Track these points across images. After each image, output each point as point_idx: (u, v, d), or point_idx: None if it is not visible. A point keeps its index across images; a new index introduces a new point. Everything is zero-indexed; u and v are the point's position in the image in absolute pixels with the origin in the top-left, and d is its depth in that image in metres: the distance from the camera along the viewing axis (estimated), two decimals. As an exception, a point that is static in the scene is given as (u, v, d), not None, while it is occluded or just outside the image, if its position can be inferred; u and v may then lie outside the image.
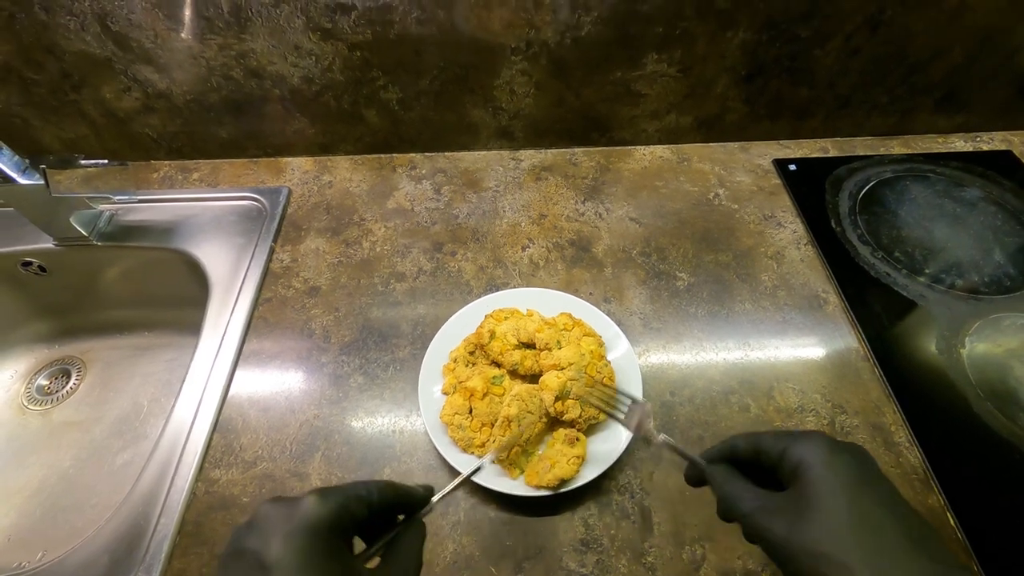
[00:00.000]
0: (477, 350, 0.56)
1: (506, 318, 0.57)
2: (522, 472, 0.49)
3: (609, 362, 0.54)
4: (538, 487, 0.47)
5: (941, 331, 0.60)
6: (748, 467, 0.33)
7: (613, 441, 0.50)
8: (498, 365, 0.55)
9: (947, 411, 0.54)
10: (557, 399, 0.49)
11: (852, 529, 0.26)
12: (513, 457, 0.49)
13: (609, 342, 0.56)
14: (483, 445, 0.50)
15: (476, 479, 0.48)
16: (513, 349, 0.54)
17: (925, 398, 0.55)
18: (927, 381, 0.56)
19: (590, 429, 0.51)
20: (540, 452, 0.51)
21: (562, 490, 0.47)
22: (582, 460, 0.49)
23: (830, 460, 0.29)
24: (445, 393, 0.54)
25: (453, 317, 0.59)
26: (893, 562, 0.25)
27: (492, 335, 0.54)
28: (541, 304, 0.59)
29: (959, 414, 0.54)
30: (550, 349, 0.53)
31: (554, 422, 0.52)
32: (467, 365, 0.55)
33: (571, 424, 0.50)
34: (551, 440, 0.51)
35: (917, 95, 0.77)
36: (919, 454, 0.52)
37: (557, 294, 0.61)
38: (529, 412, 0.50)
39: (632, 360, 0.55)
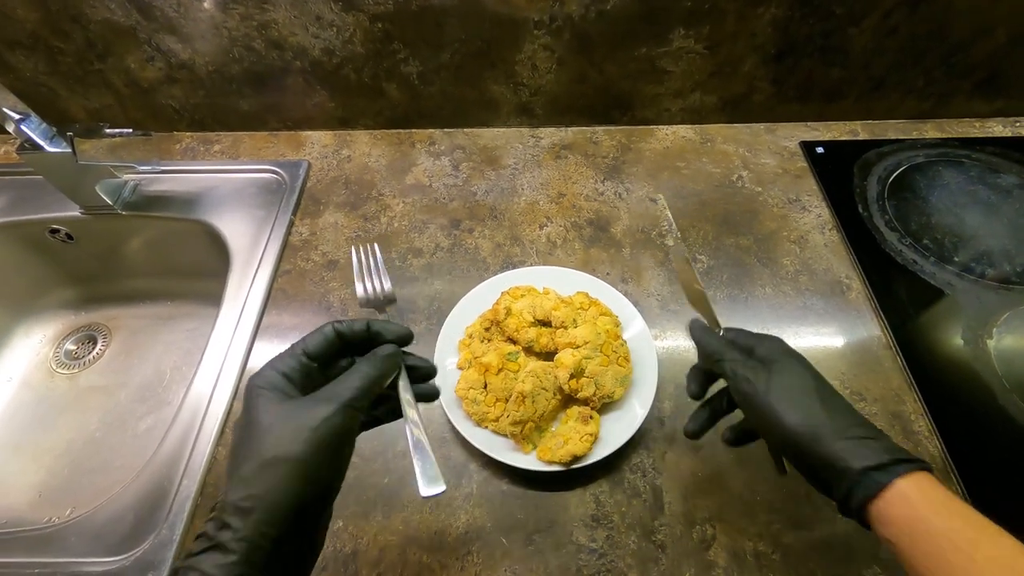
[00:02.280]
0: (493, 326, 0.56)
1: (523, 295, 0.56)
2: (535, 447, 0.49)
3: (625, 342, 0.54)
4: (550, 463, 0.48)
5: (968, 321, 0.59)
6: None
7: (627, 420, 0.50)
8: (513, 342, 0.55)
9: (970, 402, 0.53)
10: (572, 377, 0.49)
11: (807, 392, 0.36)
12: (527, 432, 0.49)
13: (625, 322, 0.56)
14: (497, 420, 0.50)
15: (490, 452, 0.48)
16: (529, 326, 0.54)
17: (948, 388, 0.54)
18: (951, 371, 0.55)
19: (604, 408, 0.51)
20: (553, 429, 0.51)
21: (574, 467, 0.48)
22: (595, 438, 0.49)
23: (787, 352, 0.39)
24: (460, 368, 0.54)
25: (470, 293, 0.59)
26: (838, 422, 0.34)
27: (508, 312, 0.54)
28: (558, 283, 0.59)
29: (983, 406, 0.53)
30: (566, 327, 0.53)
31: (568, 399, 0.52)
32: (482, 341, 0.56)
33: (585, 402, 0.51)
34: (564, 417, 0.51)
35: (955, 78, 0.74)
36: (939, 444, 0.51)
37: (574, 273, 0.60)
38: (544, 389, 0.50)
39: (648, 340, 0.54)
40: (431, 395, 0.37)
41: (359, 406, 0.31)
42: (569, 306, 0.54)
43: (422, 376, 0.37)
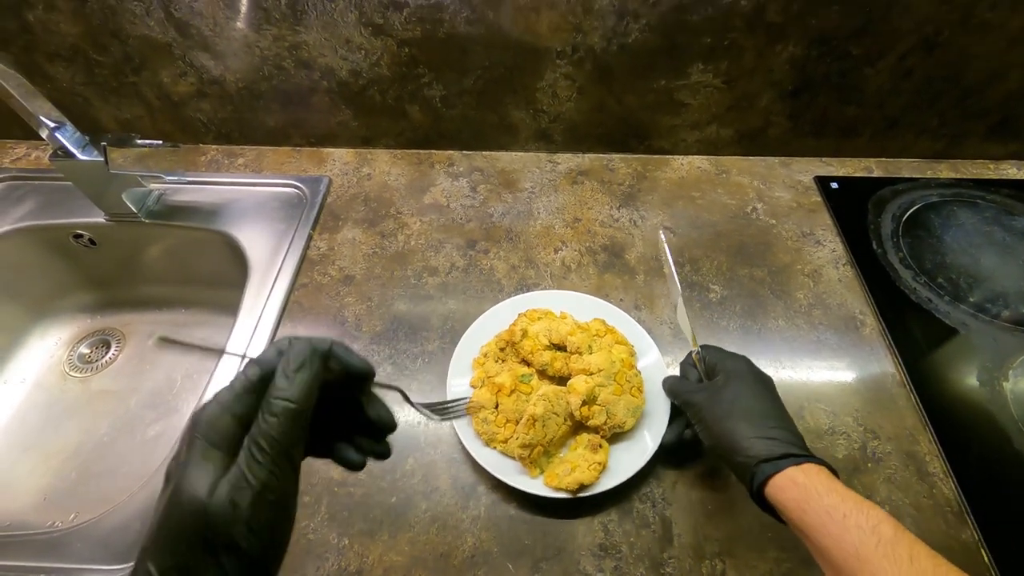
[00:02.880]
0: (508, 347, 0.56)
1: (539, 318, 0.57)
2: (542, 472, 0.49)
3: (639, 372, 0.54)
4: (557, 489, 0.48)
5: (983, 362, 0.58)
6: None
7: (638, 451, 0.50)
8: (528, 364, 0.55)
9: (986, 445, 0.53)
10: (584, 403, 0.49)
11: (739, 406, 0.43)
12: (535, 457, 0.49)
13: (640, 352, 0.56)
14: (506, 441, 0.50)
15: (498, 475, 0.48)
16: (544, 349, 0.54)
17: (963, 430, 0.53)
18: (966, 412, 0.55)
19: (615, 437, 0.51)
20: (562, 455, 0.51)
21: (582, 495, 0.47)
22: (603, 467, 0.48)
23: (743, 365, 0.47)
24: (473, 386, 0.54)
25: (486, 313, 0.59)
26: (758, 424, 0.42)
27: (524, 334, 0.55)
28: (573, 307, 0.59)
29: (999, 449, 0.52)
30: (581, 353, 0.53)
31: (579, 426, 0.52)
32: (497, 361, 0.56)
33: (595, 430, 0.50)
34: (574, 444, 0.51)
35: (969, 119, 0.75)
36: (954, 487, 0.50)
37: (589, 298, 0.61)
38: (555, 413, 0.50)
39: (662, 370, 0.54)
40: (382, 455, 0.32)
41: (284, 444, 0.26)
42: (585, 332, 0.55)
43: (384, 426, 0.32)
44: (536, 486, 0.48)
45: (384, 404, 0.32)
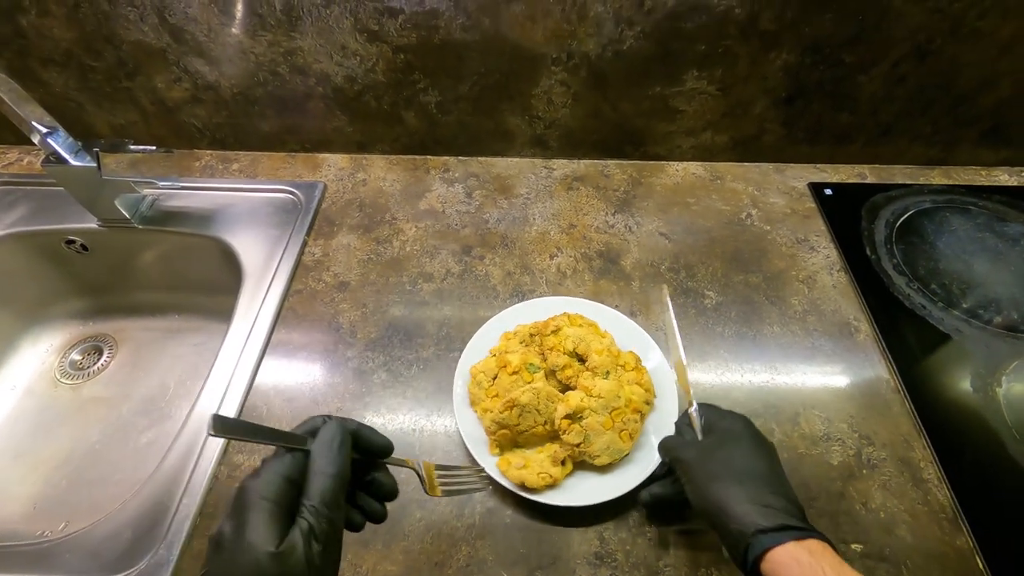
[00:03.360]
0: (538, 335, 0.56)
1: (580, 325, 0.56)
2: (500, 455, 0.50)
3: (641, 423, 0.52)
4: (503, 474, 0.48)
5: (976, 368, 0.59)
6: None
7: (644, 461, 0.50)
8: (543, 358, 0.55)
9: (980, 451, 0.53)
10: (567, 417, 0.49)
11: (734, 467, 0.39)
12: (501, 439, 0.50)
13: (642, 353, 0.56)
14: (486, 411, 0.51)
15: (468, 442, 0.50)
16: (564, 353, 0.54)
17: (957, 436, 0.54)
18: (960, 418, 0.55)
19: (622, 459, 0.51)
20: (526, 451, 0.51)
21: (570, 504, 0.47)
22: (554, 483, 0.48)
23: (740, 426, 0.43)
24: (492, 353, 0.57)
25: (521, 305, 0.61)
26: (752, 489, 0.37)
27: (556, 330, 0.55)
28: (567, 311, 0.59)
29: (993, 455, 0.53)
30: (595, 374, 0.52)
31: (555, 436, 0.51)
32: (522, 343, 0.56)
33: (567, 448, 0.50)
34: (541, 448, 0.51)
35: (962, 126, 0.75)
36: (948, 493, 0.50)
37: (586, 303, 0.61)
38: (537, 411, 0.50)
39: (666, 370, 0.55)
40: (379, 518, 0.36)
41: (324, 522, 0.29)
42: (612, 358, 0.53)
43: (385, 494, 0.36)
44: (489, 464, 0.49)
45: (391, 474, 0.36)
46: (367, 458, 0.35)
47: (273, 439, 0.31)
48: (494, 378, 0.53)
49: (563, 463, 0.49)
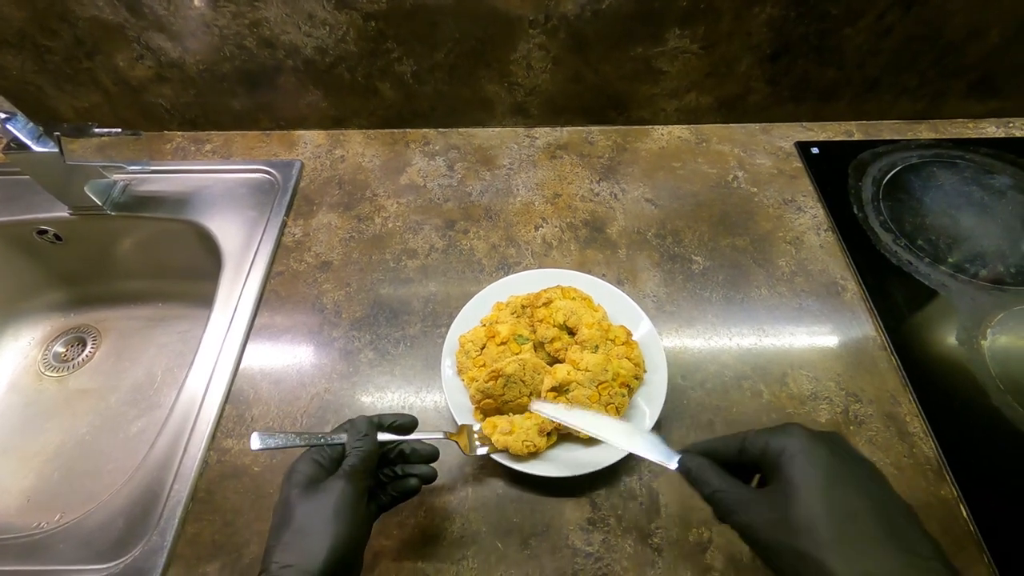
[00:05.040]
0: (530, 307, 0.56)
1: (572, 298, 0.56)
2: (484, 419, 0.50)
3: (627, 398, 0.51)
4: (487, 437, 0.48)
5: (962, 322, 0.59)
6: (735, 468, 0.33)
7: (636, 424, 0.50)
8: (533, 330, 0.55)
9: (965, 403, 0.53)
10: (552, 389, 0.49)
11: (827, 525, 0.26)
12: (485, 407, 0.50)
13: (631, 323, 0.56)
14: (472, 380, 0.51)
15: (452, 409, 0.50)
16: (554, 326, 0.53)
17: (942, 389, 0.54)
18: (945, 372, 0.55)
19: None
20: (512, 417, 0.49)
21: (562, 475, 0.47)
22: (536, 452, 0.48)
23: (808, 451, 0.29)
24: (483, 323, 0.56)
25: (514, 277, 0.60)
26: (865, 555, 0.25)
27: (548, 302, 0.54)
28: (557, 283, 0.58)
29: (977, 406, 0.53)
30: (584, 347, 0.52)
31: None
32: (513, 314, 0.56)
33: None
34: (529, 414, 0.49)
35: (949, 78, 0.74)
36: (934, 445, 0.51)
37: (574, 274, 0.60)
38: (522, 381, 0.50)
39: (657, 343, 0.54)
40: (428, 477, 0.43)
41: (359, 476, 0.38)
42: (602, 333, 0.52)
43: (424, 458, 0.44)
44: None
45: (426, 443, 0.44)
46: (398, 434, 0.43)
47: (311, 441, 0.40)
48: (482, 348, 0.53)
49: (549, 435, 0.49)
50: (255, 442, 0.40)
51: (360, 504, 0.37)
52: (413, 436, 0.44)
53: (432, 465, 0.44)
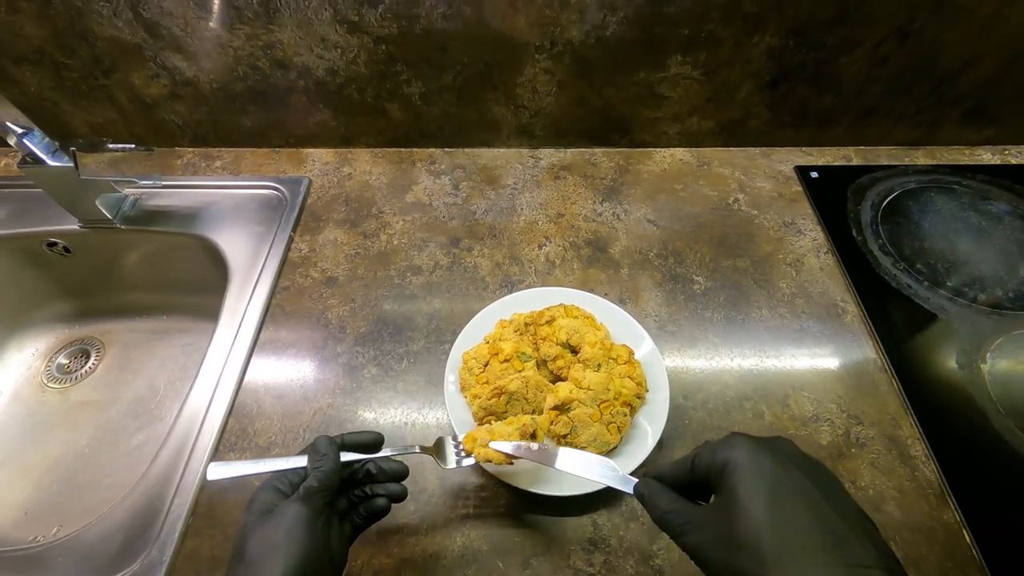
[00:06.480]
0: (533, 325, 0.56)
1: (576, 317, 0.56)
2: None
3: (630, 417, 0.51)
4: (470, 452, 0.45)
5: (962, 345, 0.59)
6: (696, 487, 0.32)
7: (638, 444, 0.50)
8: (536, 348, 0.55)
9: (966, 427, 0.54)
10: (555, 408, 0.49)
11: (768, 542, 0.26)
12: (488, 423, 0.50)
13: (633, 342, 0.56)
14: (475, 397, 0.51)
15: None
16: (557, 344, 0.54)
17: (943, 412, 0.54)
18: (946, 395, 0.56)
19: (612, 451, 0.50)
20: (492, 425, 0.47)
21: (568, 494, 0.47)
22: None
23: (750, 462, 0.28)
24: (486, 340, 0.57)
25: (518, 295, 0.60)
26: (804, 572, 0.25)
27: (551, 320, 0.55)
28: (560, 302, 0.59)
29: (978, 430, 0.53)
30: (587, 366, 0.52)
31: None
32: (516, 331, 0.56)
33: (555, 436, 0.50)
34: (511, 421, 0.47)
35: (945, 106, 0.76)
36: (936, 469, 0.51)
37: (576, 292, 0.60)
38: (525, 399, 0.50)
39: (659, 363, 0.54)
40: (397, 496, 0.42)
41: (315, 495, 0.37)
42: (605, 352, 0.53)
43: (392, 476, 0.43)
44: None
45: (395, 461, 0.43)
46: (364, 452, 0.42)
47: (271, 467, 0.40)
48: (485, 365, 0.53)
49: (532, 436, 0.46)
50: (212, 472, 0.39)
51: (316, 524, 0.35)
52: (384, 453, 0.43)
53: (403, 483, 0.43)
